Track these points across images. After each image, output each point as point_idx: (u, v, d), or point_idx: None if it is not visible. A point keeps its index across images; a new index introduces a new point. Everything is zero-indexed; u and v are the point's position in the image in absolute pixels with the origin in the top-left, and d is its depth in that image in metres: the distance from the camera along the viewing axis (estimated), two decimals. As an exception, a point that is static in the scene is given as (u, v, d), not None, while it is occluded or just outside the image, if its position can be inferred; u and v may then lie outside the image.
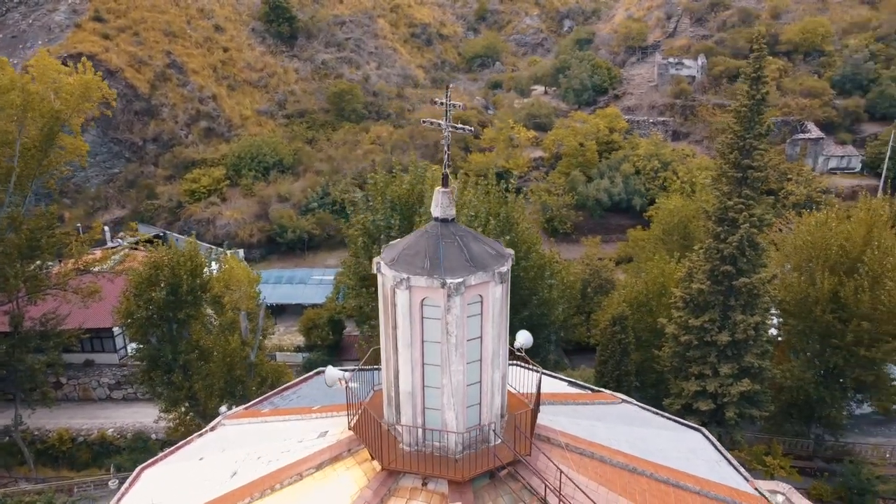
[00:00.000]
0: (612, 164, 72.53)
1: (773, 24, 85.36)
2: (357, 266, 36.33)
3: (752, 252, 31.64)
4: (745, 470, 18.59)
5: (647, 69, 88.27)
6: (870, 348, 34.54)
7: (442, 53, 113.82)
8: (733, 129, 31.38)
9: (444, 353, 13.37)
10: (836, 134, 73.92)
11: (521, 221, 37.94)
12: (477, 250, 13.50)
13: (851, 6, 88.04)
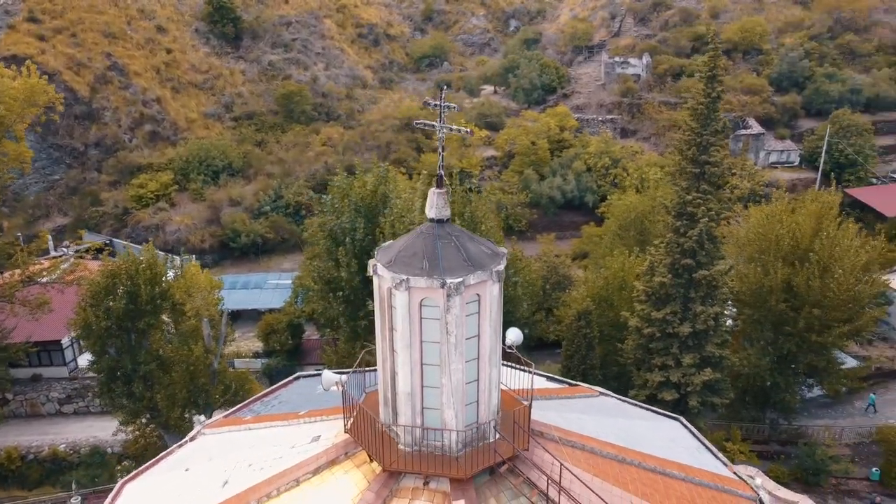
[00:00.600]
0: (563, 162, 73.64)
1: (712, 24, 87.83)
2: (322, 270, 36.02)
3: (711, 245, 32.67)
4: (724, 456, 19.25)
5: (594, 68, 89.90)
6: (820, 334, 36.10)
7: (389, 54, 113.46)
8: (690, 127, 32.33)
9: (444, 352, 13.48)
10: (776, 129, 76.72)
11: (486, 221, 38.23)
12: (473, 250, 13.65)
13: (786, 6, 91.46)
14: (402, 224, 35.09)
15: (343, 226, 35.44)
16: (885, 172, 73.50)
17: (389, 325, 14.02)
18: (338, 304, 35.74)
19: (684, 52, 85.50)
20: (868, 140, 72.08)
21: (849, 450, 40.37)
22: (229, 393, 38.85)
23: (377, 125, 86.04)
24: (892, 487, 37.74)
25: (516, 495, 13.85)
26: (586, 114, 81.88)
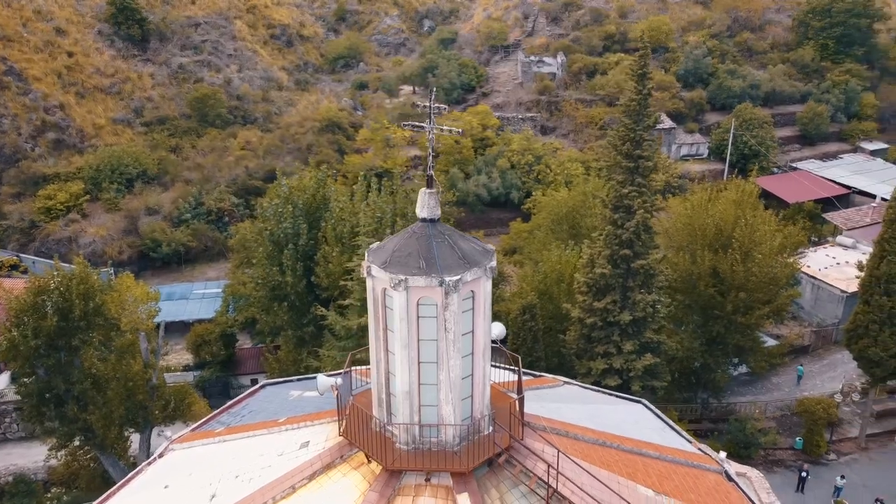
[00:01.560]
0: (487, 160, 74.83)
1: (621, 23, 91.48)
2: (265, 277, 35.36)
3: (646, 235, 34.18)
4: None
5: (511, 67, 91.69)
6: (745, 316, 38.39)
7: (304, 55, 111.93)
8: (624, 123, 33.67)
9: (442, 349, 13.71)
10: (685, 124, 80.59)
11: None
12: (466, 248, 13.96)
13: (687, 6, 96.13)
14: (344, 227, 35.00)
15: (286, 230, 34.92)
16: (784, 162, 78.51)
17: (384, 325, 14.12)
18: (283, 311, 35.20)
19: (596, 51, 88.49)
20: (768, 132, 76.81)
21: (774, 422, 43.08)
22: (169, 408, 37.55)
23: (297, 128, 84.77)
24: (814, 454, 40.60)
25: (515, 484, 14.25)
26: (506, 112, 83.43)
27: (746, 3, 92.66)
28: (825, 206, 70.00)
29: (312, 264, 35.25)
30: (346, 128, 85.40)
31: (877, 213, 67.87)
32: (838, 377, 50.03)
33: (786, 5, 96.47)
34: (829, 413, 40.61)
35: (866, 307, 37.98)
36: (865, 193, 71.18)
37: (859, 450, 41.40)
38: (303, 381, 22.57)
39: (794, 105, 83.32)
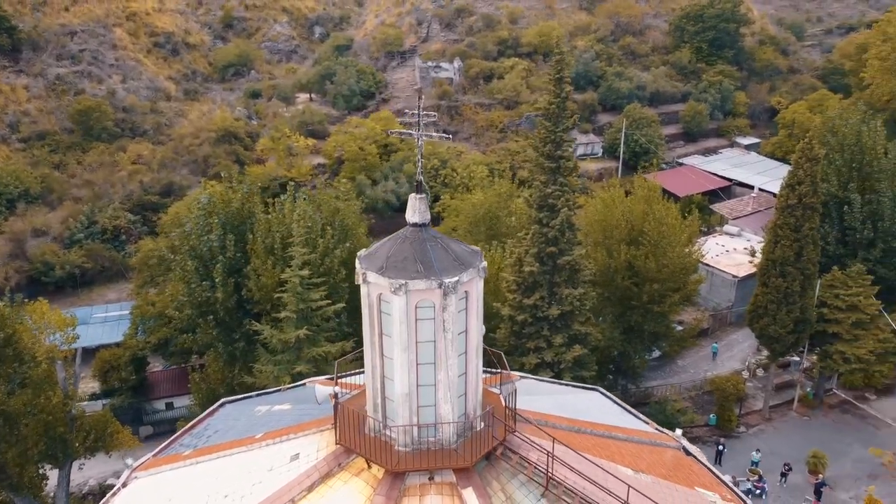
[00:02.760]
0: (394, 166, 75.16)
1: (513, 29, 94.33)
2: (193, 293, 34.11)
3: (570, 233, 35.69)
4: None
5: (409, 73, 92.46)
6: (659, 304, 40.82)
7: (191, 63, 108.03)
8: (545, 125, 35.07)
9: (441, 349, 14.07)
10: (580, 125, 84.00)
11: (357, 228, 38.55)
12: (458, 250, 14.39)
13: (573, 12, 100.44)
14: (274, 239, 34.43)
15: (212, 244, 33.88)
16: (672, 158, 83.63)
17: (380, 331, 14.31)
18: (211, 328, 34.11)
19: (491, 56, 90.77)
20: (656, 130, 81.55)
21: (689, 402, 45.96)
22: (90, 440, 35.49)
23: (191, 139, 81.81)
24: (727, 429, 43.67)
25: (514, 474, 14.80)
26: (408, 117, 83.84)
27: (627, 10, 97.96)
28: (711, 197, 75.16)
29: (240, 278, 34.41)
30: (244, 138, 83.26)
31: (756, 202, 73.74)
32: (736, 356, 54.05)
33: (662, 11, 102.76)
34: (737, 389, 43.84)
35: (765, 289, 41.33)
36: (745, 185, 76.97)
37: (764, 421, 44.95)
38: (263, 395, 22.18)
39: (676, 104, 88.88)
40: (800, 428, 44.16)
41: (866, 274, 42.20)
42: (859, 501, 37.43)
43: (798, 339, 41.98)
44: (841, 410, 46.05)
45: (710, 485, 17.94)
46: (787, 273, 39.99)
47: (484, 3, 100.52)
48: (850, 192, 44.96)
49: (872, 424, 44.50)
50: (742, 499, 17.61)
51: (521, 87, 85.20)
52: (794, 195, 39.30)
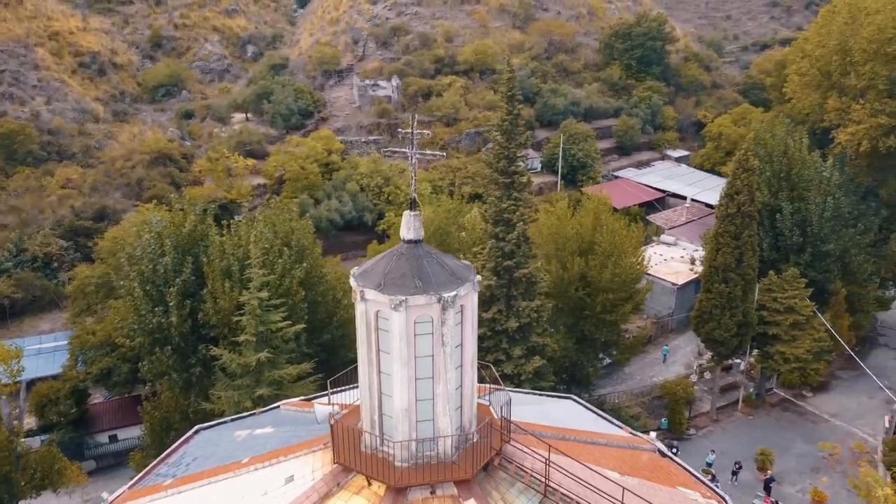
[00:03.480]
0: (336, 185, 74.83)
1: (449, 47, 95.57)
2: (143, 320, 33.05)
3: (526, 246, 36.43)
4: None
5: (347, 91, 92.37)
6: (611, 313, 41.97)
7: (119, 84, 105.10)
8: (498, 141, 35.79)
9: (439, 363, 14.26)
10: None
11: (313, 247, 38.30)
12: (453, 265, 14.65)
13: (507, 31, 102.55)
14: (230, 261, 33.85)
15: (166, 268, 33.01)
16: (607, 171, 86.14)
17: (377, 348, 14.39)
18: (167, 354, 33.15)
19: (429, 74, 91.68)
20: (591, 145, 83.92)
21: (640, 407, 47.22)
22: (36, 478, 33.87)
23: (123, 161, 79.41)
24: (678, 432, 45.05)
25: (512, 483, 15.06)
26: (348, 136, 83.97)
27: (559, 28, 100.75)
28: (647, 209, 77.75)
29: (195, 302, 33.61)
30: (178, 159, 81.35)
31: (689, 212, 76.68)
32: (679, 361, 55.91)
33: (592, 30, 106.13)
34: (687, 393, 45.37)
35: (709, 294, 43.05)
36: (678, 195, 79.95)
37: (713, 422, 46.62)
38: (238, 420, 21.78)
39: (609, 119, 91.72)
40: (746, 427, 46.01)
41: (799, 277, 44.50)
42: (805, 494, 39.23)
43: (741, 342, 43.82)
44: (782, 408, 48.22)
45: (689, 484, 18.63)
46: (730, 279, 41.80)
47: (419, 22, 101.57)
48: (780, 201, 47.45)
49: (811, 420, 46.76)
50: (721, 496, 18.36)
51: (459, 104, 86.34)
52: (733, 204, 41.22)
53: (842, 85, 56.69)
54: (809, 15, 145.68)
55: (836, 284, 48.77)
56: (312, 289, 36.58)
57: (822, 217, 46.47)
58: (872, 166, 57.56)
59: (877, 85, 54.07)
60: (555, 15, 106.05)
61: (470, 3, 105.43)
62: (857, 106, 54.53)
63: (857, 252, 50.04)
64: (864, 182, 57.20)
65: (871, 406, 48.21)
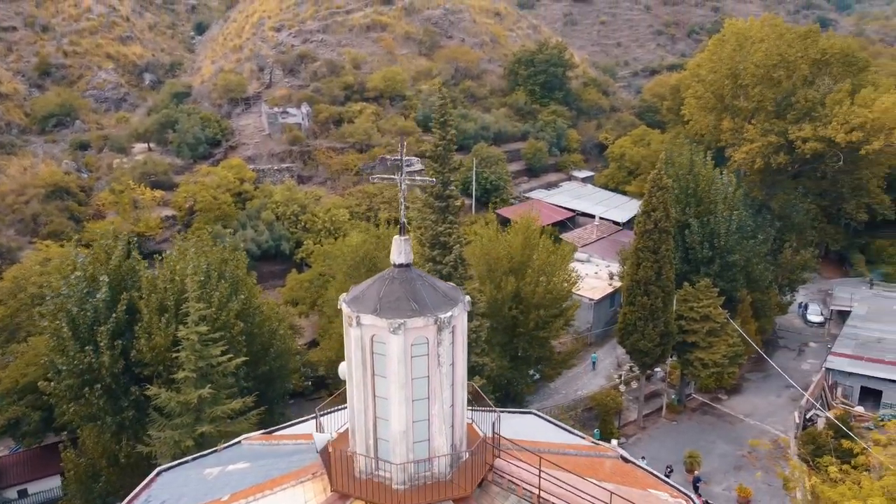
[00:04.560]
0: (251, 214, 73.26)
1: (357, 74, 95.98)
2: (71, 362, 31.20)
3: (462, 268, 37.12)
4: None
5: (256, 119, 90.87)
6: (543, 329, 43.23)
7: (4, 114, 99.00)
8: (432, 167, 36.42)
9: (435, 383, 14.53)
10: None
11: (248, 278, 37.47)
12: (443, 287, 15.00)
13: (413, 58, 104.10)
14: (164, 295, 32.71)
15: (96, 306, 31.42)
16: (519, 193, 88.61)
17: (372, 372, 14.49)
18: (96, 397, 31.42)
19: (339, 101, 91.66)
20: (503, 167, 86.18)
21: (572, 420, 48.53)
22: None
23: (14, 197, 74.80)
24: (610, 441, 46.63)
25: (506, 496, 15.43)
26: (260, 164, 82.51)
27: (464, 55, 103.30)
28: (559, 228, 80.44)
29: (126, 340, 32.10)
30: (76, 192, 77.43)
31: (599, 230, 79.97)
32: (600, 373, 58.01)
33: (496, 56, 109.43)
34: (616, 403, 47.14)
35: (632, 307, 45.11)
36: (587, 214, 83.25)
37: (640, 430, 48.60)
38: (200, 459, 21.04)
39: (517, 142, 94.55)
40: (671, 432, 48.24)
41: (711, 287, 47.40)
42: (731, 492, 41.52)
43: (664, 351, 46.08)
44: (702, 412, 50.92)
45: (657, 485, 19.59)
46: (651, 291, 44.00)
47: (326, 49, 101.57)
48: (688, 217, 50.49)
49: (728, 421, 49.61)
50: (688, 495, 19.39)
51: (372, 130, 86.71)
52: (651, 221, 43.55)
53: (734, 107, 61.22)
54: (692, 43, 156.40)
55: (742, 292, 52.21)
56: (249, 320, 35.74)
57: (727, 230, 49.76)
58: (764, 182, 62.31)
59: (765, 106, 58.74)
60: (459, 42, 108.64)
61: (376, 31, 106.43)
62: (749, 126, 58.98)
63: (759, 262, 53.84)
64: (757, 196, 61.75)
65: (780, 404, 51.72)
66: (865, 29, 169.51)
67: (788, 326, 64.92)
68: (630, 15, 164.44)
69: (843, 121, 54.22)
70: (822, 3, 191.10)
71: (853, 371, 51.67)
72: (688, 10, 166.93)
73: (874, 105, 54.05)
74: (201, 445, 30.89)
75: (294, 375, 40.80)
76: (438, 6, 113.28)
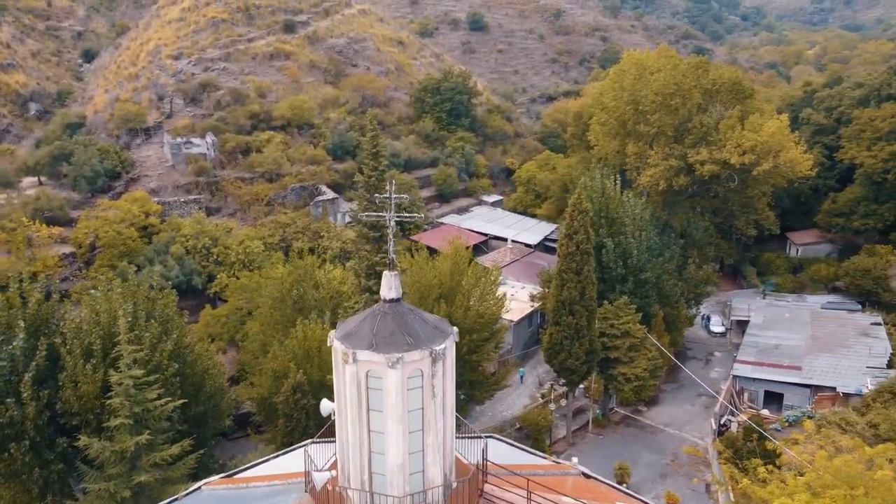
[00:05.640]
0: (159, 249, 70.33)
1: (263, 103, 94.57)
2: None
3: (398, 296, 37.30)
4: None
5: (158, 150, 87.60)
6: (476, 353, 43.93)
7: None
8: (365, 198, 36.66)
9: (430, 415, 14.79)
10: (344, 193, 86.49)
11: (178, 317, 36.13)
12: (432, 319, 15.35)
13: (319, 86, 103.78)
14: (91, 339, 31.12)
15: (13, 352, 29.44)
16: (432, 219, 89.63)
17: (367, 408, 14.57)
18: (21, 452, 29.31)
19: (245, 130, 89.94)
20: (416, 194, 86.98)
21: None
22: None
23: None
24: (542, 458, 47.71)
25: (499, 522, 15.80)
26: (165, 196, 79.54)
27: (370, 83, 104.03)
28: (474, 252, 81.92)
29: (50, 389, 30.17)
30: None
31: (512, 253, 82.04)
32: (523, 393, 59.37)
33: (401, 84, 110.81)
34: (547, 421, 48.34)
35: (558, 327, 46.62)
36: (499, 238, 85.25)
37: (570, 446, 50.02)
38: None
39: (427, 169, 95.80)
40: (599, 446, 49.95)
41: (629, 304, 49.75)
42: (660, 499, 43.41)
43: (589, 368, 47.82)
44: (625, 425, 53.04)
45: (622, 499, 20.48)
46: (576, 311, 45.67)
47: (229, 78, 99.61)
48: (602, 238, 52.88)
49: (650, 432, 51.92)
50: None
51: (281, 159, 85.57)
52: (573, 243, 45.35)
53: (637, 132, 64.86)
54: (584, 70, 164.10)
55: (655, 307, 55.02)
56: (181, 360, 34.43)
57: (639, 250, 52.48)
58: (666, 202, 66.16)
59: (665, 131, 62.59)
60: (364, 71, 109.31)
61: (280, 59, 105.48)
62: (651, 151, 62.61)
63: (668, 278, 57.02)
64: (661, 216, 65.42)
65: (695, 412, 54.66)
66: (738, 58, 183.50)
67: (694, 338, 68.77)
68: (525, 44, 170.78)
69: (736, 144, 58.67)
70: (698, 34, 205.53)
71: (757, 377, 55.42)
72: (578, 40, 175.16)
73: (762, 129, 58.84)
74: (138, 496, 29.51)
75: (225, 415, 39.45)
76: (342, 35, 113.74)
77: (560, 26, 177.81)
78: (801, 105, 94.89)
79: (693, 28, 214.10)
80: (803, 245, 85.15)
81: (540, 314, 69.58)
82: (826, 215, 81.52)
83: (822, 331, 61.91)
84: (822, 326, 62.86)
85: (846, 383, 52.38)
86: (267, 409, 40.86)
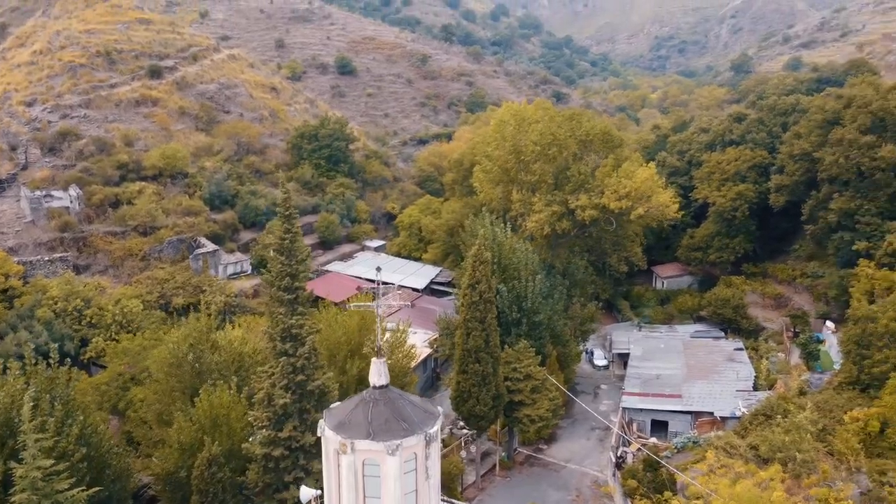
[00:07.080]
0: (23, 314, 64.69)
1: (131, 152, 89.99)
2: None
3: (315, 358, 36.88)
4: None
5: (13, 204, 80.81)
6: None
7: None
8: (280, 260, 36.13)
9: (423, 495, 15.15)
10: (224, 244, 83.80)
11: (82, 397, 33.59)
12: (418, 402, 15.78)
13: (191, 133, 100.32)
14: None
15: None
16: (316, 267, 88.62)
17: (363, 495, 14.71)
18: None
19: (113, 181, 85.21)
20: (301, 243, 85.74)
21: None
22: None
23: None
24: None
25: None
26: (25, 255, 73.50)
27: (244, 130, 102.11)
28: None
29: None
30: None
31: (401, 297, 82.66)
32: (425, 439, 59.69)
33: (277, 131, 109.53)
34: (459, 469, 48.84)
35: (465, 375, 47.69)
36: (386, 283, 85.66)
37: (479, 491, 50.84)
38: None
39: (309, 216, 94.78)
40: (507, 488, 51.14)
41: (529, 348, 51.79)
42: (570, 536, 45.18)
43: (496, 413, 49.11)
44: (529, 464, 54.68)
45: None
46: (482, 359, 47.00)
47: (91, 126, 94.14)
48: (496, 283, 54.86)
49: (553, 469, 53.88)
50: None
51: (155, 211, 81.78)
52: (476, 293, 46.83)
53: (520, 180, 68.13)
54: (452, 114, 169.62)
55: (549, 347, 57.58)
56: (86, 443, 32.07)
57: (533, 293, 54.91)
58: (549, 245, 69.67)
59: (546, 179, 66.26)
60: (238, 117, 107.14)
61: (146, 106, 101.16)
62: (535, 198, 65.96)
63: (559, 318, 59.88)
64: (545, 259, 68.76)
65: (591, 446, 57.38)
66: (592, 101, 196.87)
67: (581, 372, 72.25)
68: (394, 88, 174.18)
69: (613, 190, 63.16)
70: (554, 80, 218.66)
71: (644, 407, 59.13)
72: (445, 84, 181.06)
73: (635, 176, 63.81)
74: None
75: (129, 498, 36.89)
76: (213, 81, 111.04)
77: (427, 71, 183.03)
78: (656, 148, 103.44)
79: (550, 73, 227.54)
80: (668, 278, 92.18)
81: (434, 359, 70.66)
82: (685, 250, 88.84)
83: (694, 359, 67.14)
84: (693, 355, 68.17)
85: (721, 407, 57.06)
86: (172, 485, 38.65)
